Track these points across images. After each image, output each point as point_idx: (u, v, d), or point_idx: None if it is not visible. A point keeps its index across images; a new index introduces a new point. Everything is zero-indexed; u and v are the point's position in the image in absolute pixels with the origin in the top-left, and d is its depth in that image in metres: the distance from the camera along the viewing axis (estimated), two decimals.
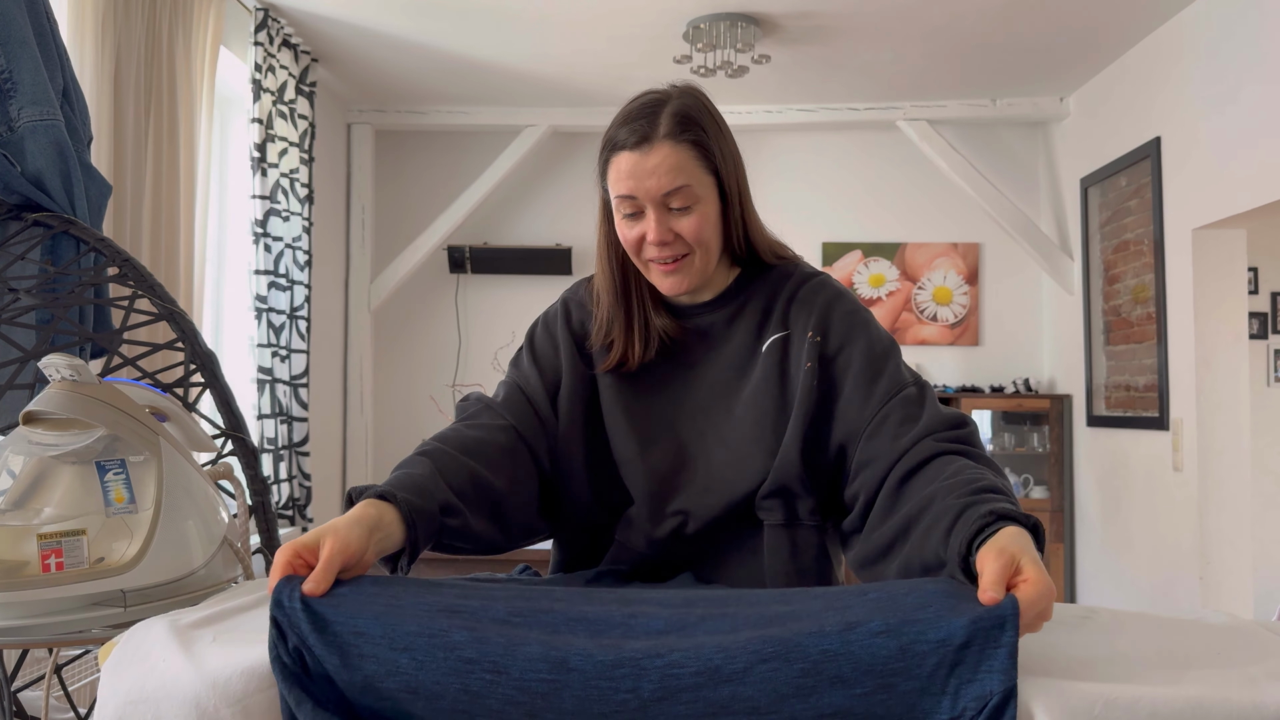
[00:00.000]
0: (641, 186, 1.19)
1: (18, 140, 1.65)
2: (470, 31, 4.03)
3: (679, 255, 1.23)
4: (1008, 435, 4.96)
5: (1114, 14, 3.82)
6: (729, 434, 1.25)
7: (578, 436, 1.29)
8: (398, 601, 0.86)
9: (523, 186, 5.27)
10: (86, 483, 1.11)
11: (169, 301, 1.62)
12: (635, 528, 1.28)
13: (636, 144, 1.20)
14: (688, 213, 1.21)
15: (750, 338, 1.28)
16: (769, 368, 1.25)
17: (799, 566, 1.23)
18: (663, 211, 1.21)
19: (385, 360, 5.29)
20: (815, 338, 1.24)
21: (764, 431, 1.23)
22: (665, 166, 1.19)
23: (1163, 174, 3.93)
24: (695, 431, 1.27)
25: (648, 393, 1.30)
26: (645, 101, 1.23)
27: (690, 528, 1.25)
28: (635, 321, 1.29)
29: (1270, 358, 5.08)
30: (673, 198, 1.20)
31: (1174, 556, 3.88)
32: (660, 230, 1.20)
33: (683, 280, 1.25)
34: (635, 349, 1.28)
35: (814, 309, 1.27)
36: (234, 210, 3.96)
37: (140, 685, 0.89)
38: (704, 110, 1.24)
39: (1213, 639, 0.96)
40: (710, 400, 1.28)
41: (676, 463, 1.27)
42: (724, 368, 1.29)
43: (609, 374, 1.31)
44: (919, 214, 5.20)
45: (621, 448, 1.29)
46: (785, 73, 4.47)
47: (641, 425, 1.28)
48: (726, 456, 1.24)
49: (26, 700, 1.72)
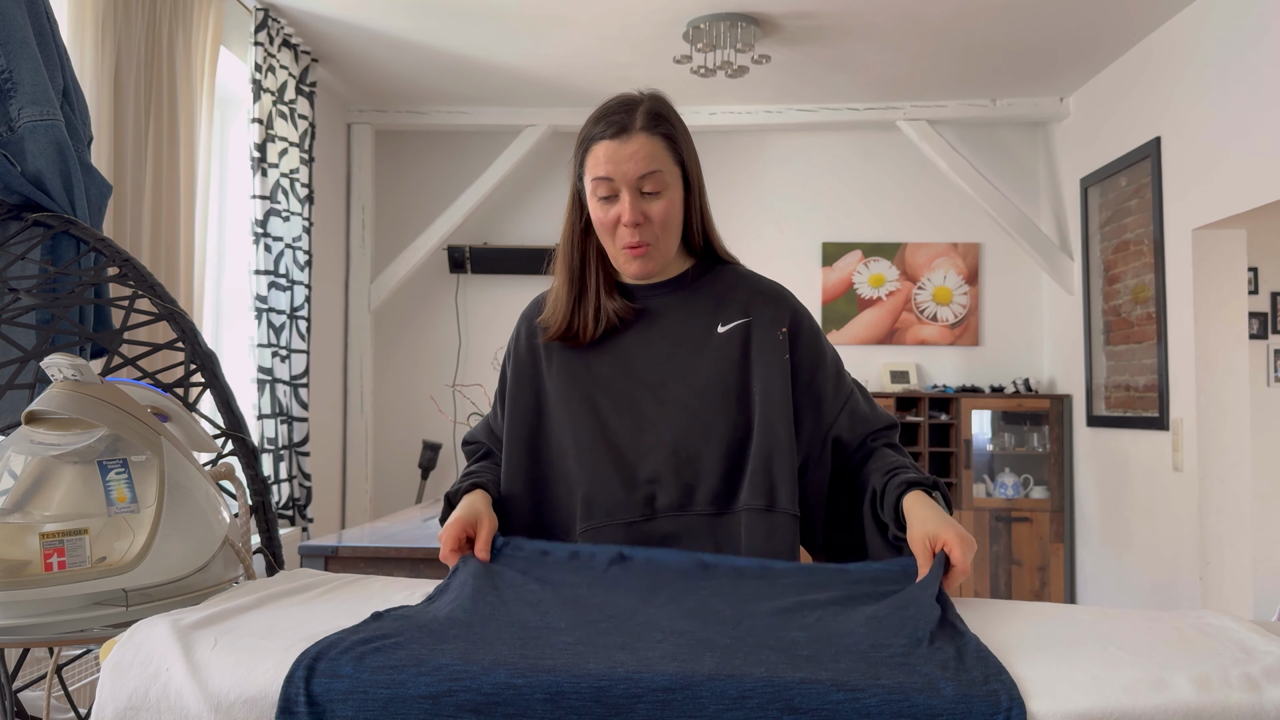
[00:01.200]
0: (619, 170, 1.34)
1: (18, 140, 1.65)
2: (470, 31, 4.03)
3: (647, 241, 1.37)
4: (1008, 435, 4.96)
5: (1114, 14, 3.82)
6: (690, 403, 1.37)
7: (521, 447, 1.43)
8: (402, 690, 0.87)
9: (523, 186, 5.27)
10: (88, 482, 1.11)
11: (169, 301, 1.62)
12: (603, 508, 1.35)
13: (615, 134, 1.34)
14: (658, 197, 1.36)
15: (705, 319, 1.42)
16: (732, 349, 1.39)
17: (773, 550, 1.31)
18: (636, 195, 1.35)
19: (385, 360, 5.29)
20: (784, 334, 1.40)
21: (728, 403, 1.36)
22: (642, 154, 1.34)
23: (1163, 174, 3.93)
24: (654, 400, 1.38)
25: (599, 372, 1.42)
26: (621, 101, 1.39)
27: (661, 500, 1.33)
28: (589, 300, 1.42)
29: (1270, 358, 5.08)
30: (645, 181, 1.34)
31: (1174, 556, 3.89)
32: (634, 211, 1.34)
33: (648, 264, 1.39)
34: (587, 325, 1.42)
35: (783, 309, 1.43)
36: (234, 210, 3.96)
37: (143, 692, 0.89)
38: (671, 111, 1.40)
39: (1192, 637, 0.96)
40: (665, 373, 1.40)
41: (638, 430, 1.37)
42: (676, 343, 1.41)
43: (556, 363, 1.43)
44: (919, 214, 5.20)
45: (580, 430, 1.38)
46: (785, 73, 4.47)
47: (598, 402, 1.39)
48: (689, 422, 1.36)
49: (27, 700, 1.72)
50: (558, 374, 1.43)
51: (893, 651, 0.90)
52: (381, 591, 1.17)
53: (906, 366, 5.12)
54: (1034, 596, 4.76)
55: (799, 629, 0.96)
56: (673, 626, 0.97)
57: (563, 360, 1.43)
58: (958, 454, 4.85)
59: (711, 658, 0.89)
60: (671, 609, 1.02)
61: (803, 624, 0.97)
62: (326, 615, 1.03)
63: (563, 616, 0.98)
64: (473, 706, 0.85)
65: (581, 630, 0.95)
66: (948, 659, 0.88)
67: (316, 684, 0.87)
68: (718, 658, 0.88)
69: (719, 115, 4.97)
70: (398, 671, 0.87)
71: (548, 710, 0.84)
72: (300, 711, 0.86)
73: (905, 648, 0.91)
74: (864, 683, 0.83)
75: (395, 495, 5.24)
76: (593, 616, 0.99)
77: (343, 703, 0.86)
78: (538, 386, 1.45)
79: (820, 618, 0.99)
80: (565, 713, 0.84)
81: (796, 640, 0.92)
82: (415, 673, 0.87)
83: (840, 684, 0.83)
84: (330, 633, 0.95)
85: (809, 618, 0.99)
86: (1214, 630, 1.00)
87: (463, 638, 0.94)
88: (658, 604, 1.04)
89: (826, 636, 0.94)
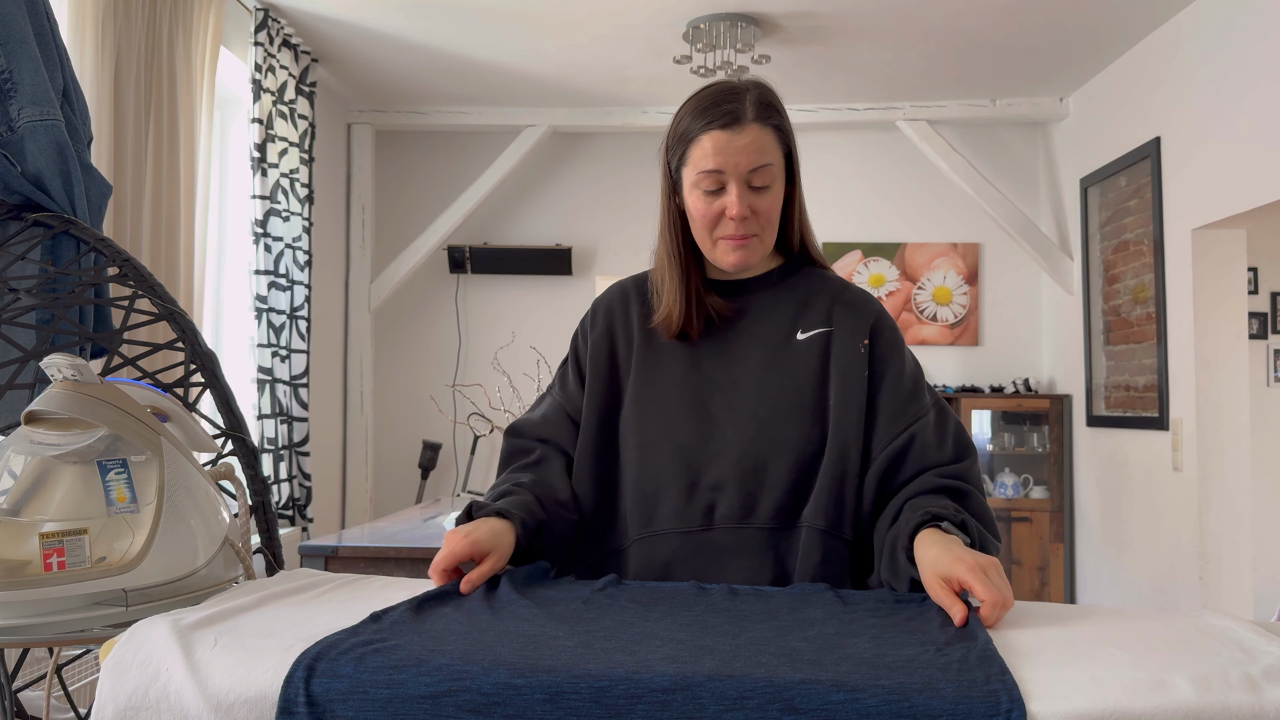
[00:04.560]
0: (730, 162, 1.27)
1: (18, 140, 1.65)
2: (470, 31, 4.03)
3: (752, 233, 1.31)
4: (1007, 435, 4.96)
5: (1114, 14, 3.82)
6: (761, 410, 1.31)
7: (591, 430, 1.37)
8: (402, 690, 0.87)
9: (523, 186, 5.27)
10: (88, 482, 1.11)
11: (169, 301, 1.62)
12: (662, 514, 1.30)
13: (727, 124, 1.28)
14: (765, 191, 1.30)
15: (786, 324, 1.36)
16: (811, 359, 1.33)
17: (826, 574, 1.26)
18: (744, 188, 1.29)
19: (385, 360, 5.29)
20: (865, 347, 1.33)
21: (802, 414, 1.30)
22: (755, 145, 1.28)
23: (1163, 174, 3.93)
24: (724, 404, 1.32)
25: (673, 371, 1.35)
26: (727, 89, 1.31)
27: (721, 509, 1.28)
28: (693, 295, 1.36)
29: (1270, 358, 5.08)
30: (756, 175, 1.29)
31: (1174, 556, 3.89)
32: (742, 205, 1.28)
33: (748, 256, 1.33)
34: (694, 320, 1.35)
35: (866, 319, 1.35)
36: (234, 210, 3.96)
37: (143, 692, 0.89)
38: (779, 101, 1.34)
39: (1195, 639, 0.96)
40: (738, 376, 1.33)
41: (705, 434, 1.31)
42: (754, 346, 1.35)
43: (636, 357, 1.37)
44: (919, 214, 5.20)
45: (646, 430, 1.33)
46: (785, 73, 4.47)
47: (669, 402, 1.34)
48: (759, 430, 1.30)
49: (27, 700, 1.72)
50: (636, 368, 1.37)
51: (897, 657, 0.90)
52: (381, 591, 1.17)
53: None
54: (1034, 596, 4.76)
55: (800, 640, 0.95)
56: (671, 635, 0.96)
57: (642, 354, 1.37)
58: None
59: (711, 660, 0.88)
60: (669, 622, 1.02)
61: (804, 636, 0.97)
62: (326, 615, 1.03)
63: (559, 628, 0.98)
64: (473, 706, 0.85)
65: (580, 636, 0.95)
66: (951, 662, 0.88)
67: (316, 684, 0.87)
68: (718, 661, 0.88)
69: None
70: (398, 671, 0.87)
71: (547, 710, 0.84)
72: (300, 712, 0.86)
73: (911, 655, 0.90)
74: (864, 683, 0.83)
75: (395, 495, 5.24)
76: (590, 628, 0.99)
77: (343, 703, 0.86)
78: (615, 379, 1.39)
79: (822, 631, 0.99)
80: (565, 713, 0.84)
81: (798, 648, 0.92)
82: (415, 673, 0.87)
83: (840, 684, 0.83)
84: (330, 633, 0.95)
85: (810, 631, 0.99)
86: (1214, 630, 1.00)
87: (462, 641, 0.94)
88: (654, 618, 1.03)
89: (828, 647, 0.93)
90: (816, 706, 0.82)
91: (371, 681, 0.87)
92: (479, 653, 0.90)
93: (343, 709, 0.86)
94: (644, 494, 1.32)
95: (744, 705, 0.83)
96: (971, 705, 0.80)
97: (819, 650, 0.92)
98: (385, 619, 1.01)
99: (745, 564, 1.28)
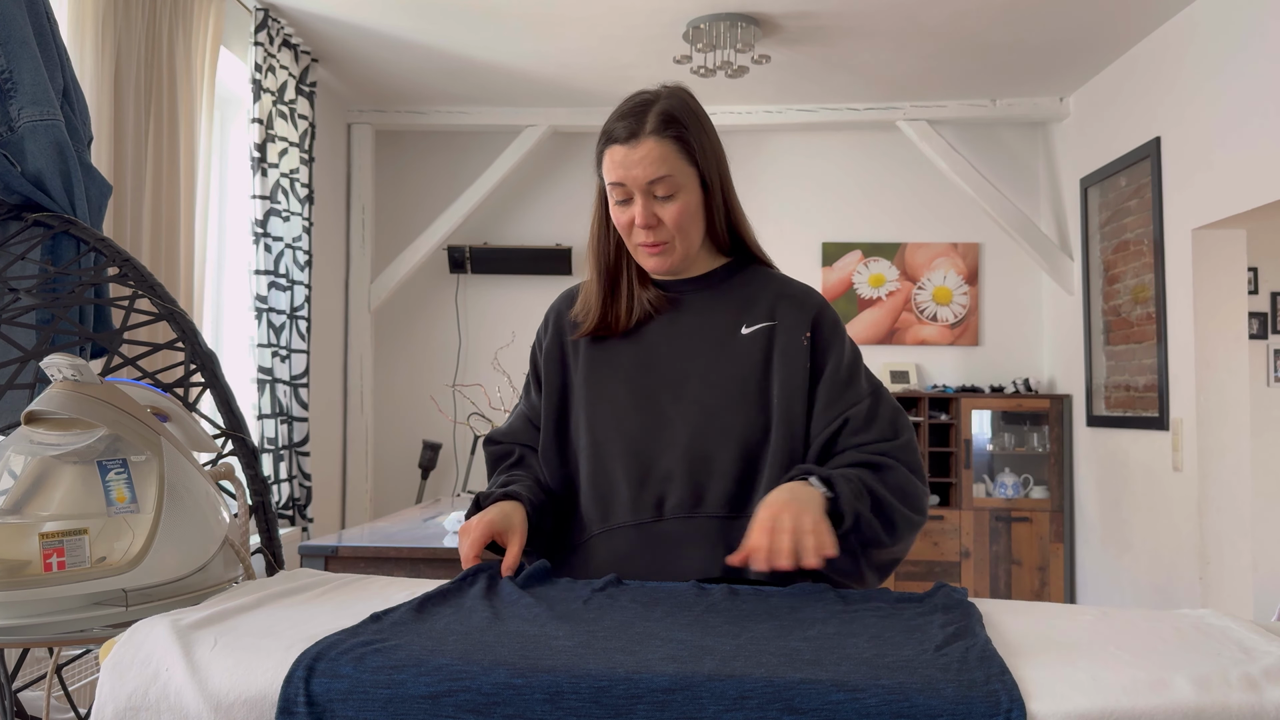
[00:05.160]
0: (630, 175, 1.34)
1: (18, 140, 1.65)
2: (470, 31, 4.03)
3: (662, 241, 1.37)
4: (1008, 435, 4.96)
5: (1114, 14, 3.82)
6: (708, 400, 1.36)
7: (550, 427, 1.44)
8: (402, 690, 0.87)
9: (523, 186, 5.27)
10: (88, 482, 1.11)
11: (169, 301, 1.62)
12: (616, 508, 1.35)
13: (626, 139, 1.34)
14: (671, 200, 1.35)
15: (731, 319, 1.41)
16: (755, 351, 1.38)
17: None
18: (648, 198, 1.35)
19: (385, 360, 5.29)
20: (807, 339, 1.38)
21: (747, 403, 1.36)
22: (651, 158, 1.33)
23: (1163, 174, 3.93)
24: (673, 397, 1.38)
25: (622, 367, 1.41)
26: (636, 101, 1.37)
27: (670, 500, 1.33)
28: (622, 291, 1.43)
29: (1270, 358, 5.08)
30: (657, 186, 1.34)
31: (1174, 556, 3.89)
32: (646, 215, 1.34)
33: (665, 261, 1.38)
34: (619, 315, 1.42)
35: (809, 313, 1.41)
36: (234, 210, 3.96)
37: (143, 691, 0.89)
38: (688, 110, 1.38)
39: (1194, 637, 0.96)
40: (686, 371, 1.39)
41: (655, 427, 1.37)
42: (699, 341, 1.40)
43: (583, 357, 1.42)
44: (919, 214, 5.20)
45: (597, 426, 1.38)
46: (785, 73, 4.47)
47: (618, 398, 1.39)
48: (705, 421, 1.35)
49: (27, 700, 1.72)
50: (584, 369, 1.42)
51: (897, 657, 0.90)
52: (381, 591, 1.17)
53: (906, 366, 5.12)
54: (1034, 596, 4.76)
55: (800, 640, 0.95)
56: (671, 635, 0.96)
57: (589, 355, 1.43)
58: (957, 454, 4.85)
59: (711, 661, 0.88)
60: (669, 622, 1.02)
61: (804, 636, 0.97)
62: (326, 615, 1.03)
63: (560, 628, 0.98)
64: (472, 706, 0.85)
65: (580, 637, 0.95)
66: (950, 661, 0.88)
67: (316, 684, 0.87)
68: (718, 661, 0.88)
69: (719, 115, 4.96)
70: (398, 672, 0.87)
71: (547, 710, 0.84)
72: (300, 712, 0.86)
73: (911, 655, 0.90)
74: (864, 683, 0.83)
75: (395, 495, 5.24)
76: (590, 628, 0.99)
77: (343, 703, 0.86)
78: (565, 382, 1.44)
79: (822, 631, 0.99)
80: (565, 713, 0.84)
81: (798, 648, 0.92)
82: (415, 673, 0.87)
83: (840, 684, 0.83)
84: (330, 633, 0.95)
85: (810, 631, 0.99)
86: (1214, 630, 1.00)
87: (462, 641, 0.94)
88: (654, 618, 1.03)
89: (828, 647, 0.93)
90: (816, 706, 0.82)
91: (371, 681, 0.87)
92: (479, 653, 0.90)
93: (342, 709, 0.86)
94: (598, 490, 1.37)
95: (744, 705, 0.83)
96: (971, 705, 0.80)
97: (819, 650, 0.92)
98: (385, 619, 1.01)
99: (697, 554, 1.31)
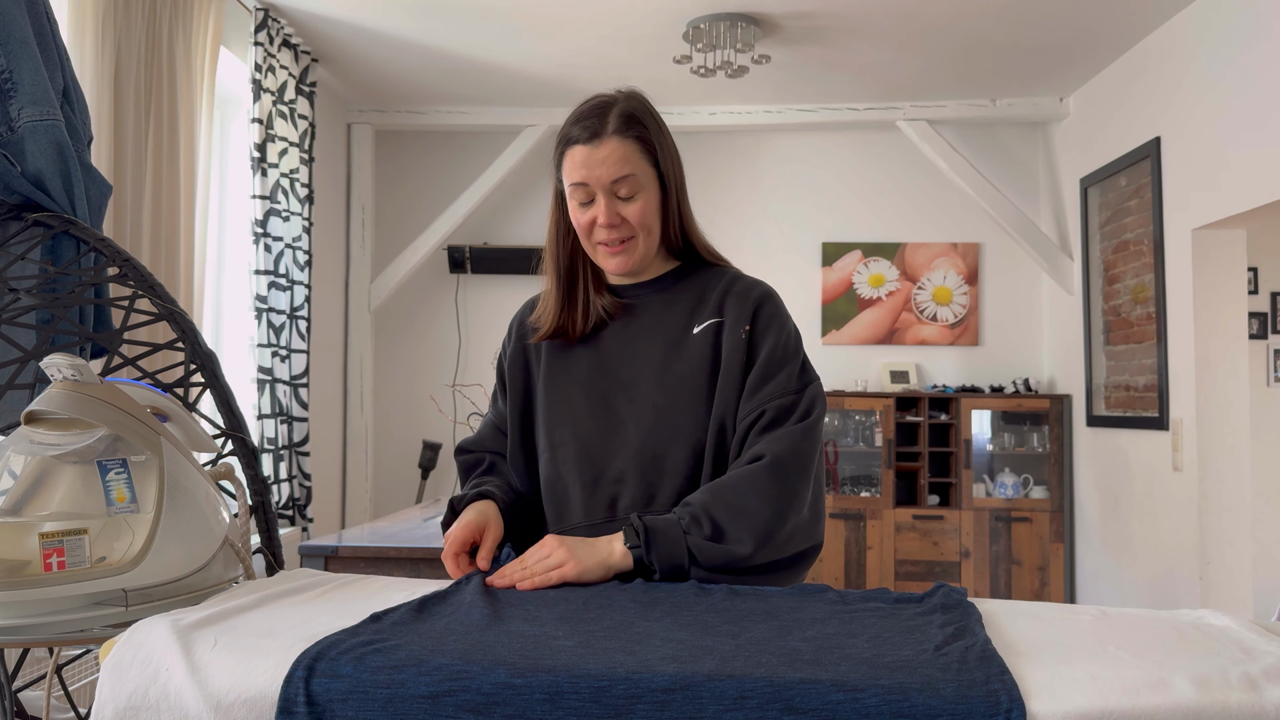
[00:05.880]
0: (593, 175, 1.35)
1: (18, 140, 1.65)
2: (470, 31, 4.03)
3: (625, 238, 1.39)
4: (1008, 435, 4.96)
5: (1114, 14, 3.82)
6: (660, 402, 1.38)
7: (516, 427, 1.48)
8: (402, 690, 0.87)
9: (523, 186, 5.27)
10: (88, 482, 1.11)
11: (169, 301, 1.62)
12: (571, 510, 1.38)
13: (588, 139, 1.36)
14: (633, 200, 1.37)
15: (683, 320, 1.42)
16: (703, 349, 1.39)
17: None
18: (611, 198, 1.37)
19: (385, 360, 5.29)
20: (745, 332, 1.39)
21: (696, 403, 1.37)
22: (614, 157, 1.35)
23: (1163, 174, 3.93)
24: (626, 399, 1.40)
25: (579, 373, 1.44)
26: (594, 104, 1.40)
27: (623, 500, 1.35)
28: (578, 297, 1.45)
29: (1270, 358, 5.08)
30: (620, 185, 1.36)
31: (1174, 556, 3.89)
32: (609, 214, 1.36)
33: (627, 260, 1.40)
34: (576, 321, 1.44)
35: (749, 305, 1.41)
36: (234, 210, 3.96)
37: (143, 691, 0.89)
38: (647, 111, 1.41)
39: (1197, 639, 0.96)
40: (639, 373, 1.41)
41: (609, 429, 1.39)
42: (652, 343, 1.42)
43: (544, 363, 1.45)
44: (919, 214, 5.20)
45: (555, 430, 1.41)
46: (785, 73, 4.47)
47: (575, 402, 1.42)
48: (657, 422, 1.37)
49: (27, 700, 1.72)
50: (544, 375, 1.45)
51: (897, 657, 0.90)
52: (381, 591, 1.17)
53: (906, 366, 5.12)
54: (1034, 596, 4.76)
55: (800, 640, 0.95)
56: (671, 635, 0.96)
57: (549, 360, 1.46)
58: (957, 454, 4.85)
59: (711, 660, 0.88)
60: (668, 621, 1.02)
61: (804, 636, 0.97)
62: (326, 615, 1.03)
63: (560, 628, 0.98)
64: (472, 706, 0.85)
65: (580, 637, 0.95)
66: (950, 661, 0.88)
67: (316, 684, 0.87)
68: (717, 661, 0.88)
69: (719, 115, 4.97)
70: (398, 671, 0.87)
71: (547, 710, 0.84)
72: (300, 711, 0.86)
73: (911, 655, 0.90)
74: (864, 683, 0.83)
75: (395, 495, 5.24)
76: (590, 628, 0.99)
77: (342, 703, 0.86)
78: (529, 387, 1.47)
79: (821, 631, 0.99)
80: (565, 713, 0.84)
81: (798, 648, 0.92)
82: (415, 673, 0.87)
83: (840, 684, 0.83)
84: (330, 633, 0.95)
85: (810, 631, 0.99)
86: (1214, 630, 1.00)
87: (462, 641, 0.94)
88: (654, 618, 1.03)
89: (828, 647, 0.93)
90: (816, 706, 0.82)
91: (371, 681, 0.87)
92: (479, 653, 0.90)
93: (342, 709, 0.86)
94: (555, 493, 1.41)
95: (744, 705, 0.83)
96: (971, 705, 0.80)
97: (819, 650, 0.92)
98: (385, 619, 1.01)
99: None
